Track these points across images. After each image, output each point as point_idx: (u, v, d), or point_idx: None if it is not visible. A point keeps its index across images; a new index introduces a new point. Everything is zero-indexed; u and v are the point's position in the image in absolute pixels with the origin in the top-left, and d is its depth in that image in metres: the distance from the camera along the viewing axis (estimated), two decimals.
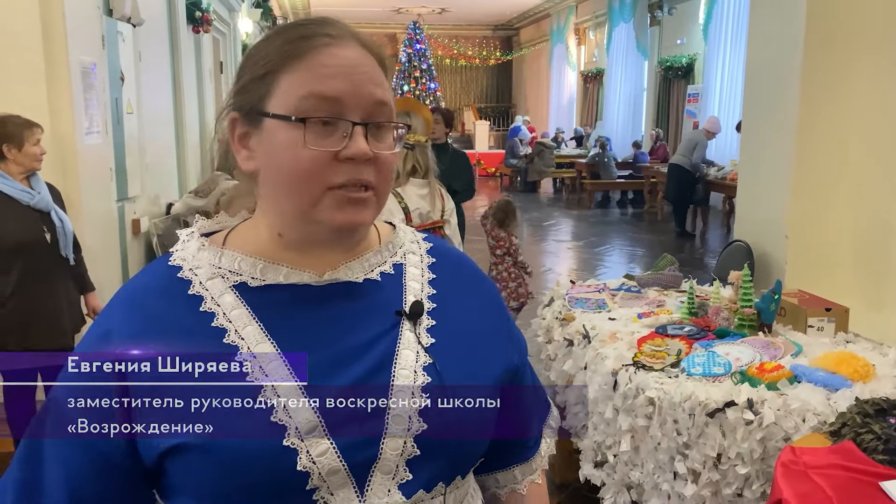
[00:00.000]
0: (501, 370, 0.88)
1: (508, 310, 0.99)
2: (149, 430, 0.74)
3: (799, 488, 1.65)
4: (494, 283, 5.03)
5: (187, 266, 0.83)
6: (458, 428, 0.79)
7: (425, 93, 19.19)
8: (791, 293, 2.79)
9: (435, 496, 0.80)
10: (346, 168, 0.77)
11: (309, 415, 0.74)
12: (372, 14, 19.60)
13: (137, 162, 4.92)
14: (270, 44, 0.80)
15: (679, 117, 13.04)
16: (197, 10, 6.99)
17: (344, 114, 0.77)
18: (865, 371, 2.17)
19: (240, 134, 0.82)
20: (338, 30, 0.81)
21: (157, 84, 5.63)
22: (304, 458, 0.73)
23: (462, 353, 0.84)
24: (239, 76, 0.83)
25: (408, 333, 0.82)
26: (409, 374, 0.79)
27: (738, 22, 10.84)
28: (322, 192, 0.77)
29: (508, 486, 0.97)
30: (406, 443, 0.77)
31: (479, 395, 0.82)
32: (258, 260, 0.82)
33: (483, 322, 0.90)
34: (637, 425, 2.23)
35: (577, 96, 18.11)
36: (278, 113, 0.77)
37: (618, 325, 2.74)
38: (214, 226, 0.89)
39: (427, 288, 0.88)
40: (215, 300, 0.80)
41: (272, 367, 0.76)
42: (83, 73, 3.70)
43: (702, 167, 9.26)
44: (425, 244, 0.94)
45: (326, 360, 0.78)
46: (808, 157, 3.45)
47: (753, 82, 3.90)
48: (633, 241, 9.28)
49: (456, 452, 0.81)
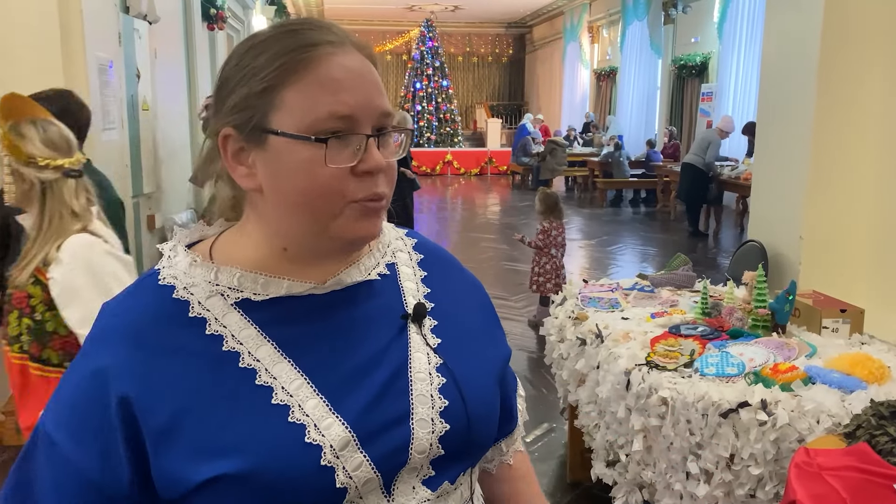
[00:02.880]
0: (502, 360, 0.93)
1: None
2: (177, 466, 0.71)
3: (813, 490, 1.65)
4: (538, 276, 5.27)
5: (180, 285, 0.78)
6: (476, 423, 0.81)
7: (438, 90, 19.17)
8: (805, 294, 2.78)
9: (457, 486, 0.83)
10: (364, 182, 0.75)
11: (341, 430, 0.73)
12: (385, 11, 19.62)
13: (152, 158, 4.96)
14: (263, 54, 0.76)
15: (693, 116, 12.98)
16: (212, 7, 7.03)
17: (356, 128, 0.75)
18: (881, 373, 2.15)
19: (234, 150, 0.78)
20: (336, 35, 0.77)
21: (172, 81, 5.67)
22: (342, 475, 0.72)
23: (467, 349, 0.86)
24: (228, 89, 0.77)
25: (415, 336, 0.83)
26: (425, 377, 0.80)
27: (753, 20, 10.77)
28: (342, 207, 0.75)
29: (497, 459, 1.00)
30: (432, 445, 0.78)
31: (488, 387, 0.86)
32: (259, 275, 0.79)
33: (476, 315, 0.93)
34: (650, 425, 2.23)
35: (590, 94, 18.06)
36: (290, 132, 0.74)
37: (631, 325, 2.73)
38: (195, 236, 0.86)
39: (422, 287, 0.89)
40: (220, 321, 0.76)
41: (295, 387, 0.74)
42: (100, 70, 3.73)
43: (715, 166, 9.22)
44: (409, 240, 0.94)
45: (345, 372, 0.77)
46: (824, 156, 3.43)
47: (768, 81, 3.88)
48: (645, 241, 9.25)
49: (476, 445, 0.83)
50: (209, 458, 0.71)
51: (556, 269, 5.37)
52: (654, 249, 8.61)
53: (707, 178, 9.18)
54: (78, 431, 0.73)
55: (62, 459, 0.73)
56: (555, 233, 5.37)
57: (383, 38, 21.56)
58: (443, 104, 19.18)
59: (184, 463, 0.71)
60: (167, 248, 0.83)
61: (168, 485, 0.72)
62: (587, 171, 13.64)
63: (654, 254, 8.35)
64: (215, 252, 0.82)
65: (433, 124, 19.00)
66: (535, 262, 5.43)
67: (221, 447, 0.71)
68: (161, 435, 0.72)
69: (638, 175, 12.42)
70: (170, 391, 0.73)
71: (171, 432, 0.71)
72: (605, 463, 2.55)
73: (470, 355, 0.85)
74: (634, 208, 12.15)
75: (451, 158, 17.41)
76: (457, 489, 0.82)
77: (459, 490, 0.83)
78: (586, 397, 2.69)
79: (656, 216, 11.23)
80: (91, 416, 0.73)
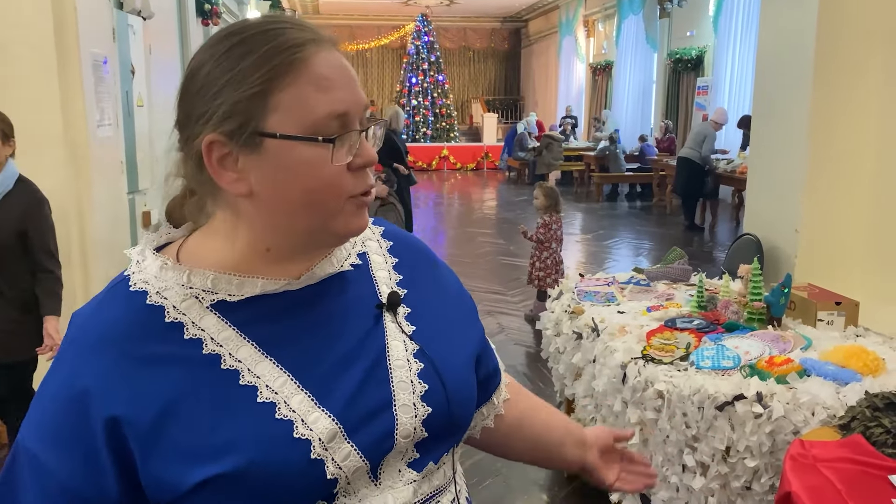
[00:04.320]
0: (477, 340, 0.95)
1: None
2: (168, 472, 0.71)
3: (808, 481, 1.66)
4: (538, 271, 5.26)
5: (153, 290, 0.77)
6: (456, 404, 0.84)
7: (433, 85, 19.14)
8: (801, 287, 2.79)
9: (440, 466, 0.85)
10: (359, 177, 0.78)
11: (328, 423, 0.75)
12: (380, 6, 19.57)
13: (148, 154, 4.94)
14: (248, 57, 0.74)
15: (688, 110, 12.98)
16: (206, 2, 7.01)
17: (351, 125, 0.77)
18: (875, 365, 2.17)
19: (219, 156, 0.76)
20: (314, 32, 0.77)
21: (167, 77, 5.65)
22: (332, 466, 0.74)
23: (442, 333, 0.88)
24: (210, 95, 0.75)
25: (391, 325, 0.84)
26: (404, 364, 0.82)
27: (748, 14, 10.77)
28: (342, 203, 0.77)
29: (478, 424, 1.02)
30: (416, 429, 0.80)
31: (466, 369, 0.89)
32: (233, 276, 0.78)
33: (448, 299, 0.94)
34: (646, 418, 2.24)
35: (586, 89, 18.05)
36: (291, 134, 0.73)
37: (627, 319, 2.74)
38: (162, 239, 0.85)
39: (394, 274, 0.90)
40: (197, 325, 0.76)
41: (279, 384, 0.75)
42: (94, 67, 3.72)
43: (711, 160, 9.23)
44: (377, 228, 0.95)
45: (327, 365, 0.78)
46: (820, 150, 3.44)
47: (764, 74, 3.89)
48: (641, 235, 9.26)
49: (457, 425, 0.86)
50: (200, 462, 0.71)
51: (556, 264, 5.37)
52: (650, 243, 8.62)
53: (703, 172, 9.18)
54: (60, 447, 0.73)
55: (46, 474, 0.73)
56: (555, 227, 5.38)
57: (378, 32, 21.51)
58: (438, 99, 19.15)
59: (174, 468, 0.71)
60: (135, 252, 0.82)
61: (159, 490, 0.72)
62: (583, 166, 13.64)
63: (650, 248, 8.36)
64: (183, 255, 0.81)
65: (429, 119, 18.98)
66: (536, 256, 5.43)
67: (211, 450, 0.71)
68: (149, 444, 0.71)
69: (633, 169, 12.43)
70: (154, 400, 0.72)
71: (158, 440, 0.71)
72: None
73: (445, 340, 0.87)
74: (630, 202, 12.16)
75: (448, 153, 17.39)
76: (440, 468, 0.85)
77: (443, 469, 0.85)
78: (583, 391, 2.69)
79: (652, 210, 11.24)
80: (73, 434, 0.72)
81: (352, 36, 20.82)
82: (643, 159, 12.33)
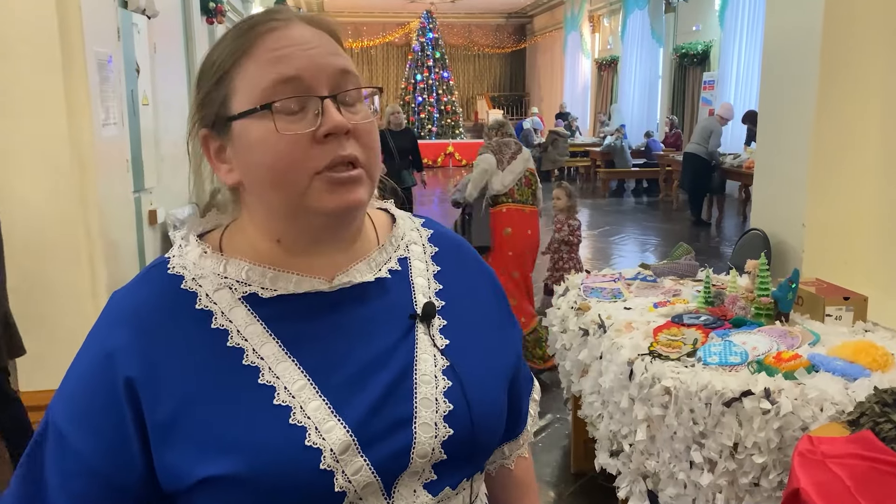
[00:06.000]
0: (513, 361, 0.90)
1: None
2: (177, 461, 0.70)
3: (816, 477, 1.65)
4: (563, 273, 5.20)
5: (189, 276, 0.77)
6: (480, 428, 0.79)
7: (438, 82, 19.12)
8: (808, 282, 2.77)
9: (459, 492, 0.81)
10: (327, 148, 0.72)
11: (342, 434, 0.71)
12: (385, 3, 19.55)
13: (153, 153, 4.95)
14: (217, 49, 0.76)
15: (694, 105, 12.95)
16: (211, 1, 7.01)
17: (309, 90, 0.73)
18: (884, 360, 2.15)
19: (215, 149, 0.77)
20: (283, 14, 0.76)
21: (171, 75, 5.66)
22: (341, 479, 0.71)
23: (476, 351, 0.83)
24: (197, 91, 0.78)
25: (423, 337, 0.80)
26: (431, 380, 0.78)
27: (754, 8, 10.73)
28: (309, 179, 0.72)
29: (497, 462, 0.98)
30: (434, 449, 0.76)
31: (496, 391, 0.84)
32: (267, 268, 0.77)
33: (490, 313, 0.89)
34: (653, 414, 2.23)
35: (592, 84, 18.00)
36: (242, 110, 0.73)
37: (633, 315, 2.73)
38: (208, 225, 0.84)
39: (433, 283, 0.86)
40: (226, 315, 0.75)
41: (297, 388, 0.73)
42: (99, 65, 3.72)
43: (718, 155, 9.20)
44: (425, 231, 0.91)
45: (349, 373, 0.75)
46: (826, 144, 3.41)
47: (770, 69, 3.86)
48: (647, 230, 9.24)
49: (479, 450, 0.82)
50: (209, 456, 0.70)
51: (579, 264, 5.31)
52: (657, 239, 8.60)
53: (710, 168, 9.15)
54: (87, 421, 0.73)
55: (71, 451, 0.73)
56: (576, 226, 5.34)
57: (384, 29, 21.49)
58: (444, 96, 19.13)
59: (184, 457, 0.70)
60: (180, 236, 0.82)
61: (169, 477, 0.72)
62: (589, 162, 13.61)
63: (656, 243, 8.34)
64: (225, 243, 0.81)
65: (434, 116, 18.97)
66: (563, 258, 5.28)
67: (222, 446, 0.70)
68: (163, 426, 0.71)
69: (639, 164, 12.40)
70: (173, 382, 0.72)
71: (173, 424, 0.71)
72: (608, 453, 2.55)
73: (478, 359, 0.83)
74: (637, 198, 12.13)
75: (453, 150, 17.38)
76: (458, 494, 0.80)
77: (461, 495, 0.81)
78: (589, 388, 2.69)
79: (658, 206, 11.21)
80: (100, 404, 0.72)
81: (357, 33, 20.81)
82: (649, 155, 12.29)
